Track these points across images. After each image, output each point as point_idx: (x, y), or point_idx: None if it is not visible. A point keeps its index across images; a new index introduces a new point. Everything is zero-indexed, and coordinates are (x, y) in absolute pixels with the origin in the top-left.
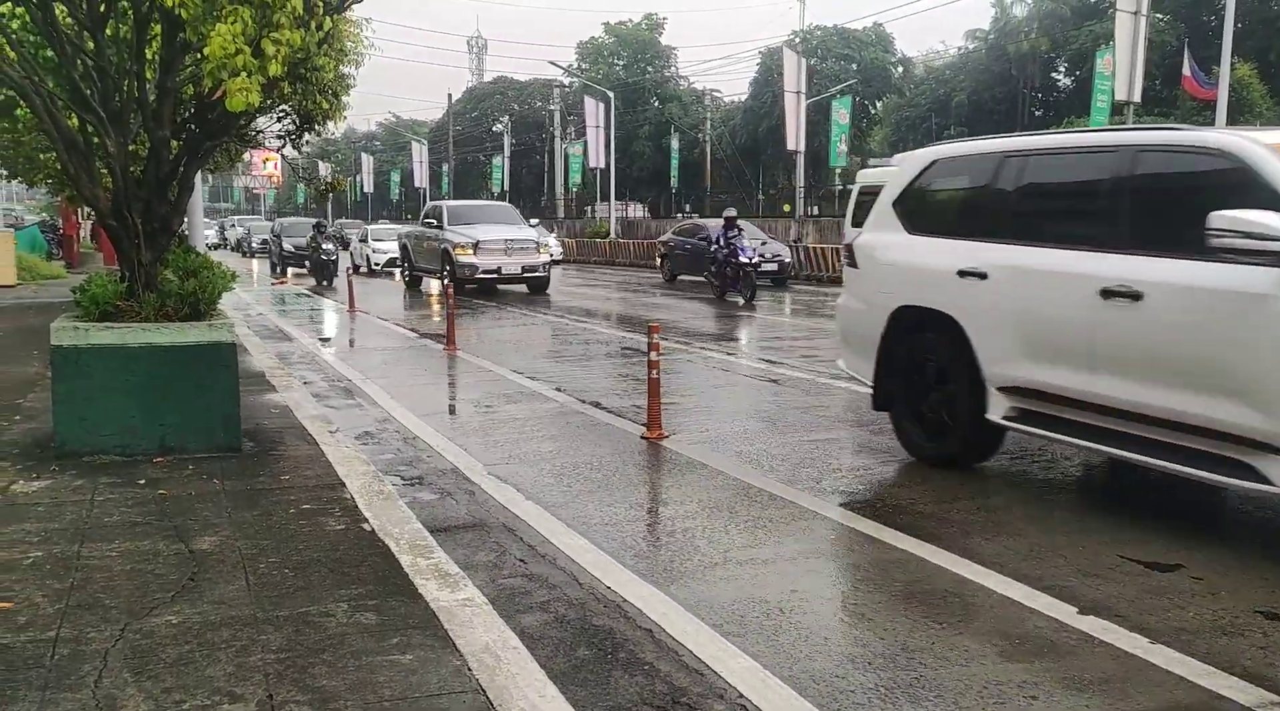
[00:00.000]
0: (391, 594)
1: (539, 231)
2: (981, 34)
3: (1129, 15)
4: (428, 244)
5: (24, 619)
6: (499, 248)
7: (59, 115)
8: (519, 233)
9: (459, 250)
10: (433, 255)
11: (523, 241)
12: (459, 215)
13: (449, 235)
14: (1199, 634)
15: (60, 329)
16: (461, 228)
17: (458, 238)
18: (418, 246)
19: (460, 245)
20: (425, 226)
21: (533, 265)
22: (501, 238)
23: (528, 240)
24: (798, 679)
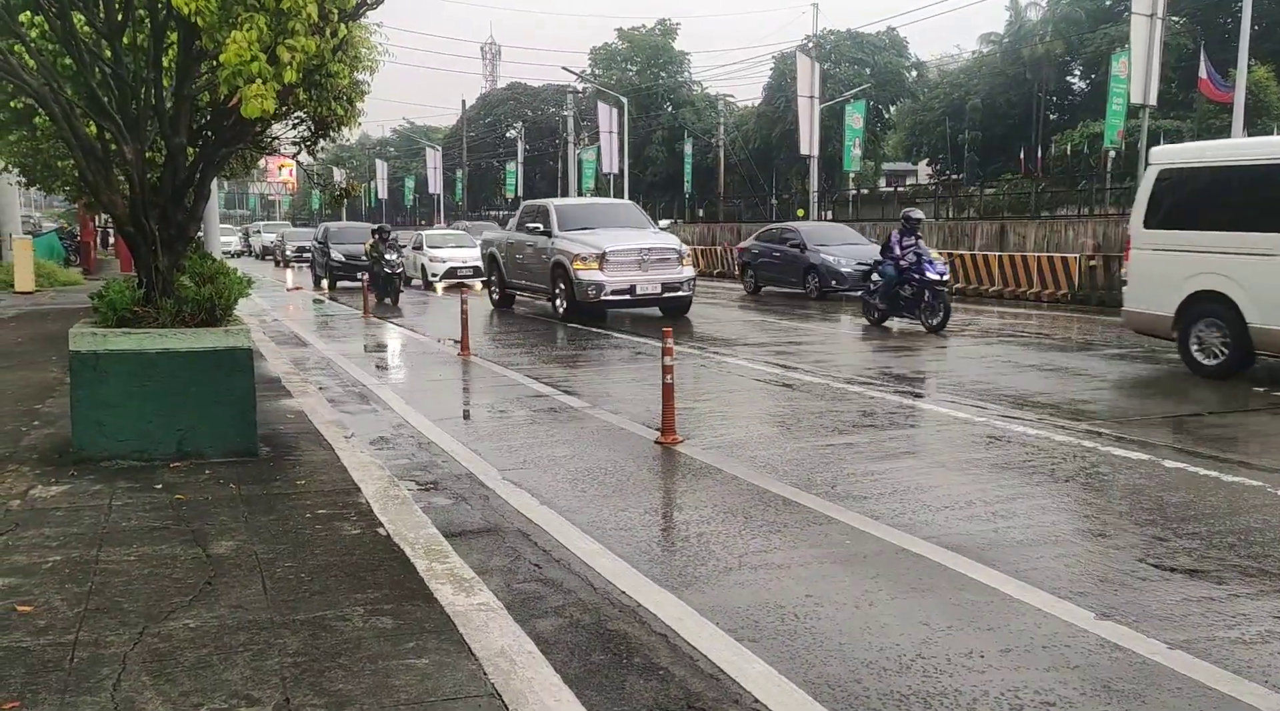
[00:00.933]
0: (407, 598)
1: (675, 237)
2: (996, 38)
3: (1144, 18)
4: (529, 254)
5: (44, 622)
6: (632, 260)
7: (77, 123)
8: (655, 239)
9: (580, 264)
10: (536, 269)
11: (661, 251)
12: (572, 217)
13: (563, 243)
14: (1218, 641)
15: (78, 334)
16: (578, 234)
17: (577, 247)
18: (513, 257)
19: (581, 257)
20: (526, 232)
21: (675, 282)
22: (635, 247)
23: (667, 249)
24: (813, 684)
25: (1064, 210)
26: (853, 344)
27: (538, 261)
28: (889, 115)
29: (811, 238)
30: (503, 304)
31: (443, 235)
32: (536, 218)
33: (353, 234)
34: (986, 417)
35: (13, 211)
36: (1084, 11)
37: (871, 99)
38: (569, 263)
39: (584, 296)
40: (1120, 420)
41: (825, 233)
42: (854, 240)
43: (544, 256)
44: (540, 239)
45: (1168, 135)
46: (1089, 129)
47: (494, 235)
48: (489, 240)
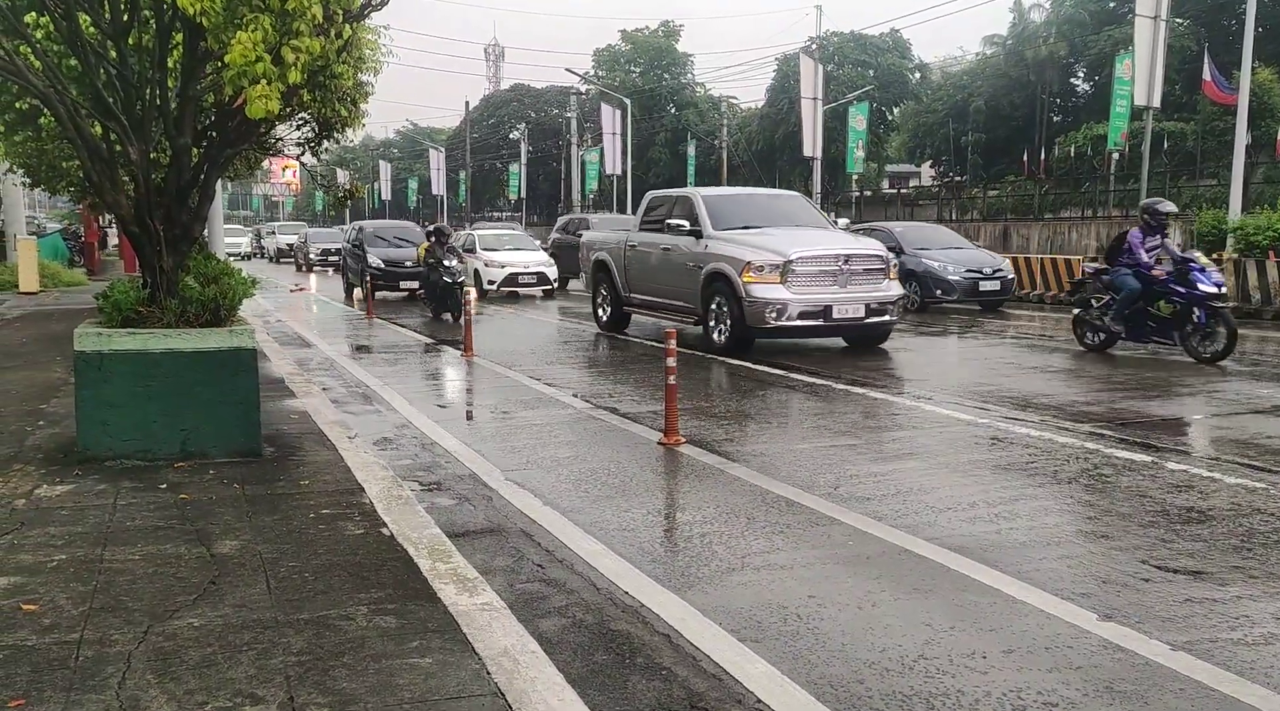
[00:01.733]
0: (411, 598)
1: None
2: (999, 39)
3: (1148, 20)
4: (664, 261)
5: (49, 621)
6: (826, 270)
7: (83, 123)
8: (852, 242)
9: (753, 275)
10: (676, 281)
11: (864, 258)
12: (728, 210)
13: (723, 246)
14: (1220, 642)
15: (83, 334)
16: (741, 234)
17: (746, 251)
18: (637, 264)
19: (754, 265)
20: (658, 231)
21: (881, 302)
22: (830, 252)
23: (871, 256)
24: (816, 684)
25: (1067, 212)
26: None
27: (679, 271)
28: (892, 117)
29: (909, 240)
30: (615, 326)
31: (497, 235)
32: (676, 212)
33: (394, 235)
34: (989, 419)
35: (17, 212)
36: (1088, 13)
37: (875, 101)
38: (735, 273)
39: (758, 320)
40: (1123, 421)
41: (924, 235)
42: (957, 243)
43: (690, 264)
44: (684, 240)
45: (1171, 137)
46: (1092, 131)
47: (601, 235)
48: (593, 241)
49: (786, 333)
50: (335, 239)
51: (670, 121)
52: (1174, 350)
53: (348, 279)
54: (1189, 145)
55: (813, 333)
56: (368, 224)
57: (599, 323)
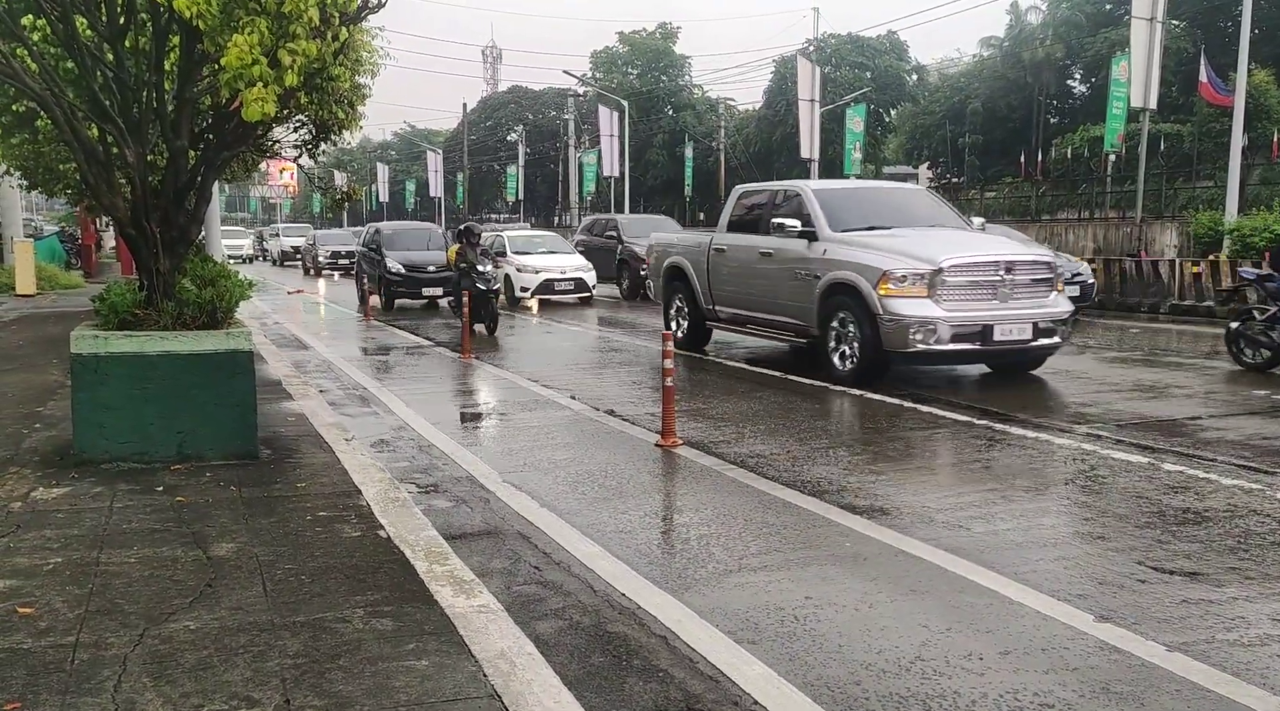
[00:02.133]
0: (407, 600)
1: None
2: (996, 41)
3: (1144, 22)
4: (765, 267)
5: (45, 624)
6: (985, 280)
7: (79, 126)
8: (1009, 246)
9: (891, 286)
10: (780, 291)
11: (1030, 265)
12: (846, 209)
13: (847, 251)
14: (1216, 643)
15: (80, 337)
16: (868, 236)
17: (880, 257)
18: (728, 270)
19: (893, 275)
20: (756, 232)
21: (1050, 320)
22: (988, 258)
23: (1037, 263)
24: (812, 686)
25: (1064, 213)
26: None
27: (784, 280)
28: (889, 118)
29: None
30: (694, 343)
31: (528, 237)
32: (781, 210)
33: (414, 238)
34: (986, 420)
35: (14, 214)
36: (1084, 15)
37: (872, 102)
38: (868, 284)
39: (898, 342)
40: (1120, 423)
41: None
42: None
43: (801, 272)
44: (792, 244)
45: (1168, 139)
46: (1089, 132)
47: (674, 236)
48: (667, 244)
49: (934, 358)
50: (346, 241)
51: (668, 123)
52: None
53: (363, 285)
54: (1185, 147)
55: (967, 358)
56: (385, 226)
57: (676, 340)
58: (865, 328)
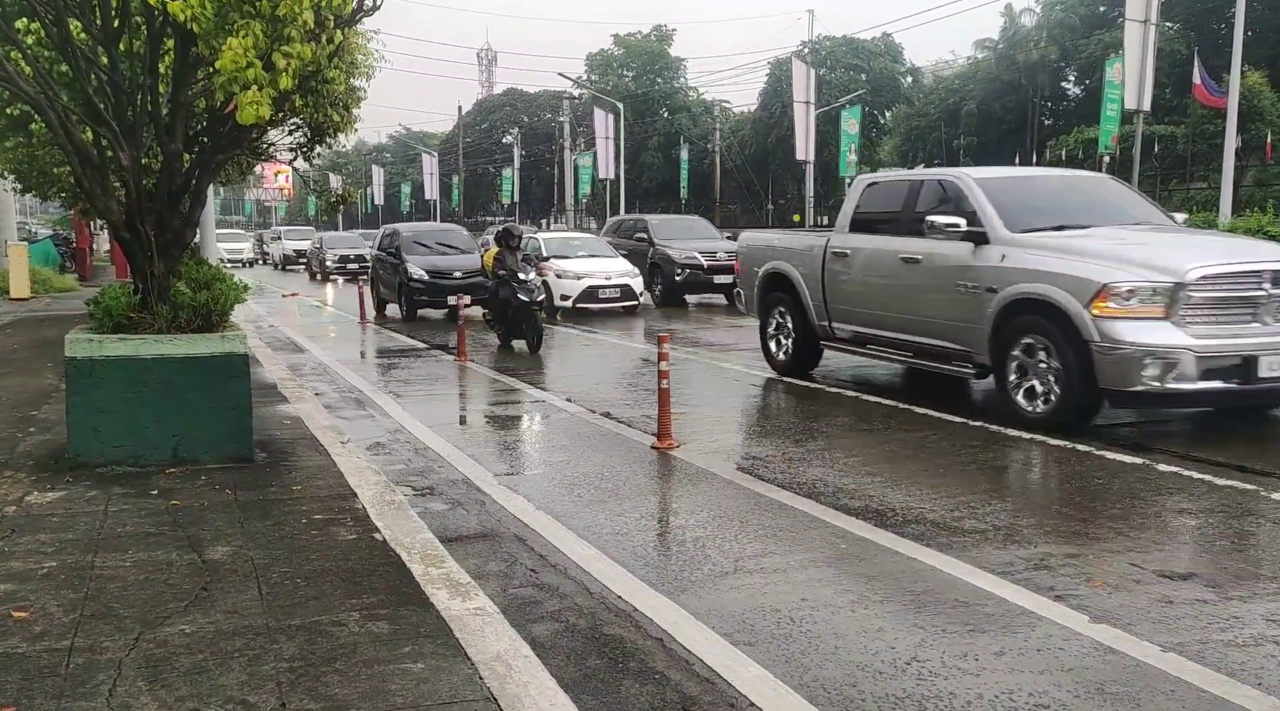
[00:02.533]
0: (403, 603)
1: None
2: (990, 43)
3: (1138, 24)
4: (903, 274)
5: (39, 628)
6: (1245, 296)
7: (73, 129)
8: (1264, 249)
9: (1112, 306)
10: (938, 308)
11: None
12: (1018, 204)
13: (1036, 258)
14: (1211, 643)
15: (74, 340)
16: (1065, 240)
17: (1094, 268)
18: (861, 281)
19: (1118, 290)
20: (892, 232)
21: None
22: (1251, 268)
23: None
24: (808, 687)
25: None
26: None
27: (940, 293)
28: (884, 120)
29: None
30: (800, 367)
31: (566, 239)
32: (935, 205)
33: (438, 240)
34: (982, 421)
35: (8, 218)
36: (1078, 17)
37: (867, 104)
38: (1077, 301)
39: (1120, 378)
40: (1115, 423)
41: None
42: None
43: (968, 284)
44: (949, 248)
45: (1162, 141)
46: (1084, 134)
47: (775, 237)
48: (763, 246)
49: (1172, 400)
50: (356, 244)
51: (663, 126)
52: None
53: (379, 292)
54: (1179, 148)
55: (1217, 400)
56: (405, 227)
57: (773, 362)
58: (1068, 357)
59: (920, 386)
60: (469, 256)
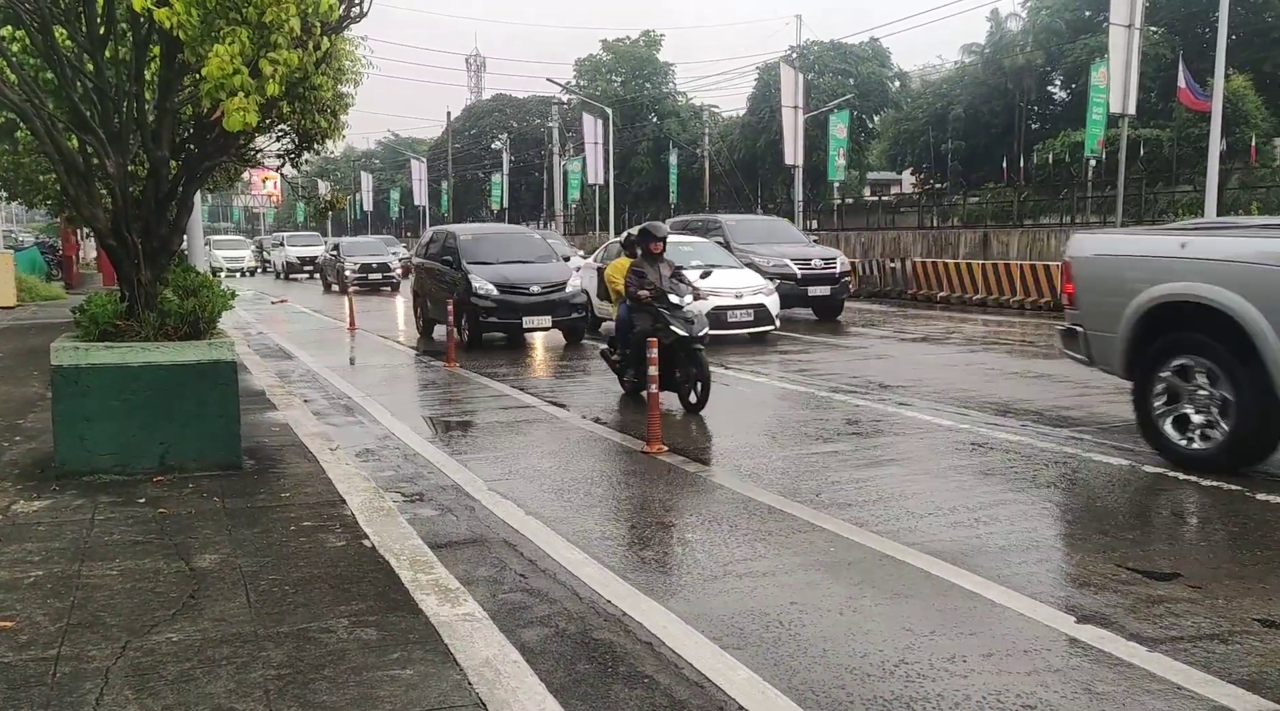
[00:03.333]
0: (392, 609)
1: None
2: (977, 48)
3: (1123, 28)
4: None
5: (25, 638)
6: None
7: (59, 137)
8: None
9: None
10: None
11: None
12: None
13: None
14: (1196, 642)
15: (60, 349)
16: None
17: None
18: None
19: None
20: None
21: None
22: None
23: None
24: (797, 690)
25: (1046, 218)
26: None
27: None
28: (873, 125)
29: None
30: (1240, 456)
31: (692, 244)
32: None
33: (503, 246)
34: (970, 424)
35: None
36: (1064, 22)
37: (855, 109)
38: None
39: None
40: (1101, 426)
41: None
42: None
43: None
44: None
45: (1148, 144)
46: (1070, 138)
47: (1178, 245)
48: (1161, 258)
49: None
50: (377, 251)
51: (652, 130)
52: None
53: (424, 311)
54: (1165, 152)
55: None
56: (461, 229)
57: (1172, 450)
58: None
59: None
60: (548, 266)
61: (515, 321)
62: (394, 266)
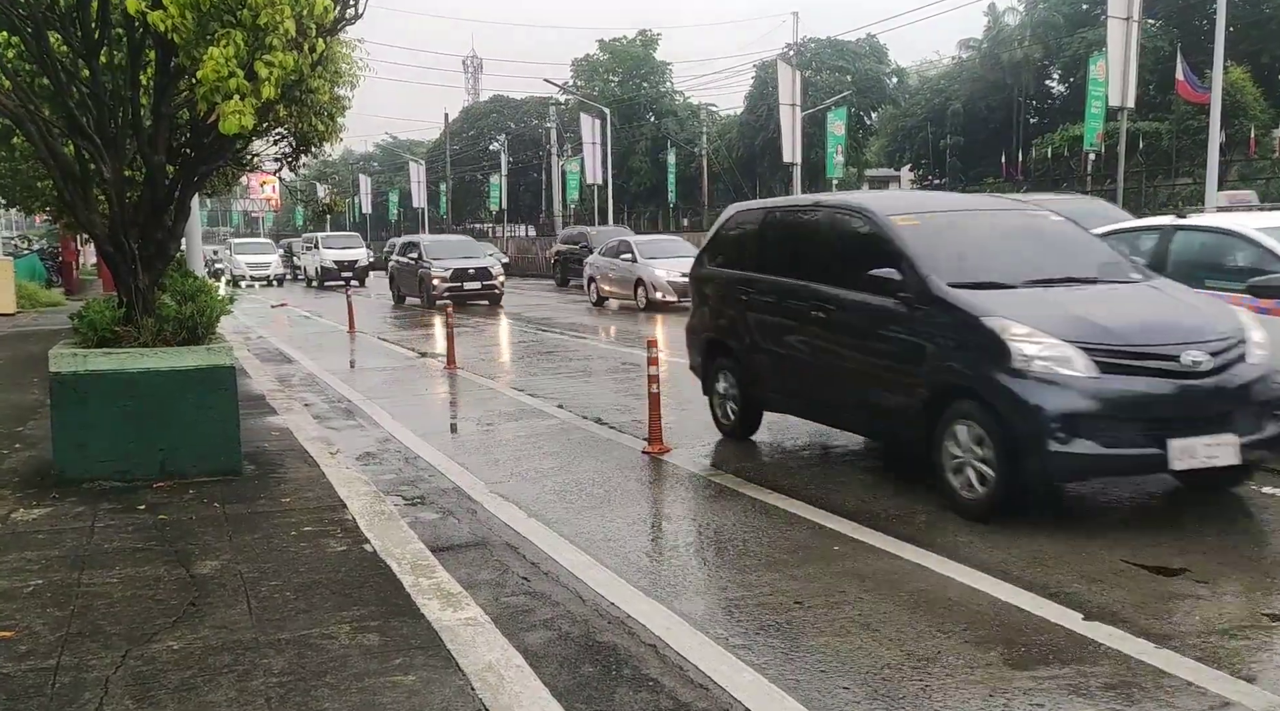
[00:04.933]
0: (394, 614)
1: None
2: (975, 43)
3: (1121, 21)
4: None
5: (25, 647)
6: None
7: (55, 143)
8: None
9: None
10: None
11: None
12: None
13: None
14: (1205, 638)
15: (59, 356)
16: None
17: None
18: None
19: None
20: None
21: None
22: None
23: None
24: (803, 691)
25: None
26: None
27: None
28: (871, 122)
29: None
30: None
31: None
32: None
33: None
34: None
35: None
36: (1061, 16)
37: (853, 106)
38: None
39: None
40: None
41: None
42: None
43: None
44: None
45: (1147, 137)
46: (1069, 132)
47: None
48: None
49: None
50: (470, 251)
51: (650, 130)
52: None
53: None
54: (1164, 144)
55: None
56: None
57: None
58: None
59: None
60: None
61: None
62: (496, 272)
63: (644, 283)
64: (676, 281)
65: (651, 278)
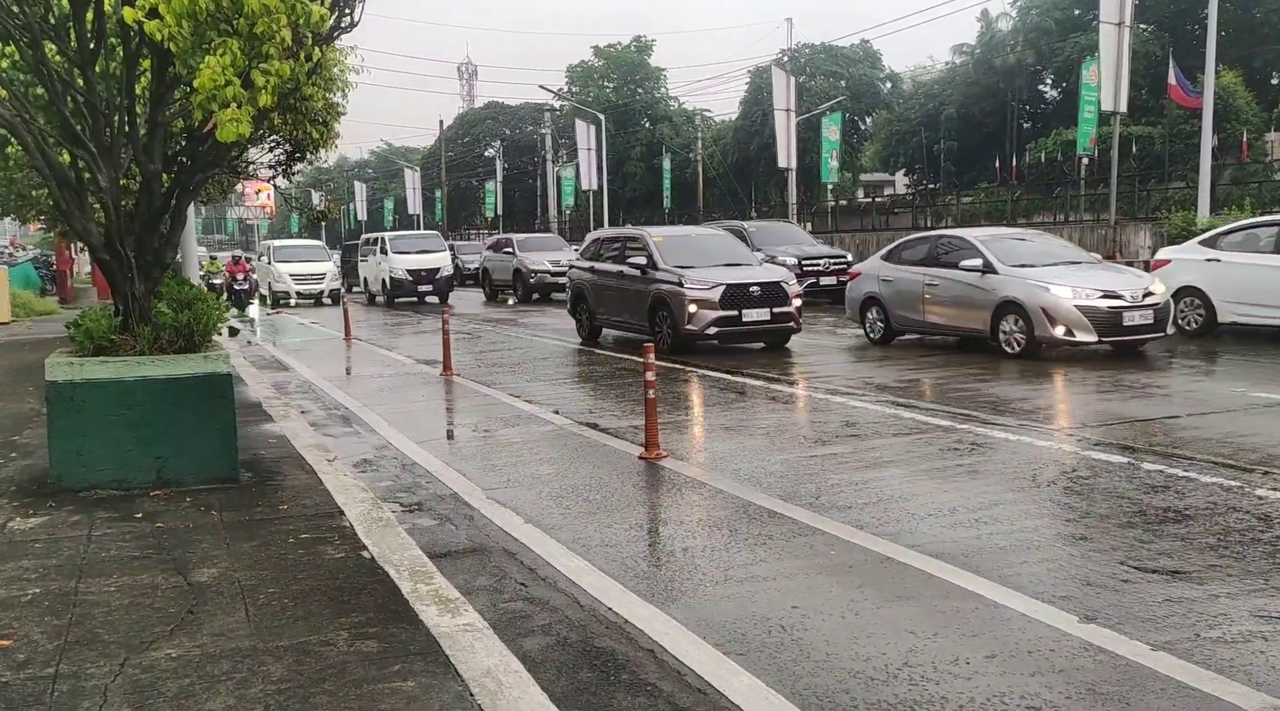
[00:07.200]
0: (392, 621)
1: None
2: (968, 48)
3: (1113, 26)
4: None
5: (23, 656)
6: None
7: (50, 151)
8: None
9: None
10: None
11: None
12: None
13: None
14: (1200, 641)
15: (55, 364)
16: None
17: None
18: None
19: None
20: None
21: None
22: None
23: None
24: (801, 695)
25: (1040, 217)
26: None
27: None
28: (865, 126)
29: None
30: None
31: None
32: None
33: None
34: (968, 424)
35: None
36: (1054, 21)
37: (847, 111)
38: None
39: None
40: (1100, 423)
41: None
42: None
43: None
44: None
45: (1139, 141)
46: (1062, 136)
47: None
48: None
49: None
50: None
51: (645, 136)
52: None
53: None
54: (1157, 149)
55: None
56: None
57: None
58: None
59: None
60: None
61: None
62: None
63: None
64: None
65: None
